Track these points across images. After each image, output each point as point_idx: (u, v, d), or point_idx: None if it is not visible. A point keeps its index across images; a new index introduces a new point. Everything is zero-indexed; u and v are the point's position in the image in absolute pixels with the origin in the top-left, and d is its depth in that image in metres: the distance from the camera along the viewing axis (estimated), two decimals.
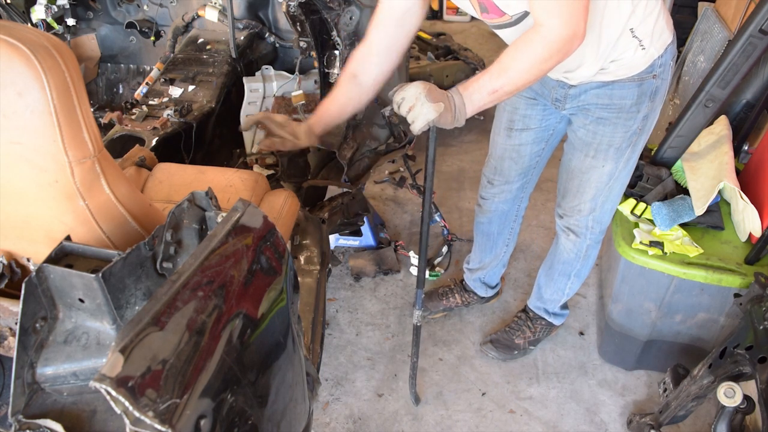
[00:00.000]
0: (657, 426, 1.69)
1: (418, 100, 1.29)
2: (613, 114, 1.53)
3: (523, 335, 2.12)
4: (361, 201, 2.30)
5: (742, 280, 1.66)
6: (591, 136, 1.60)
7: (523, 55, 1.26)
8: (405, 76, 2.41)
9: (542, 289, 2.07)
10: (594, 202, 1.74)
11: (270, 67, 2.49)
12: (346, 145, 2.21)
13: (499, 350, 2.11)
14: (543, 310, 2.11)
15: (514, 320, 2.17)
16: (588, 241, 1.84)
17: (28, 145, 0.85)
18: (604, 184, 1.69)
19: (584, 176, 1.69)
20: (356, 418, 1.93)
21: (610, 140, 1.58)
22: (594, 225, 1.79)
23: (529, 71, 1.27)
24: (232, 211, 0.92)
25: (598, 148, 1.61)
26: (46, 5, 2.59)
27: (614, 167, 1.64)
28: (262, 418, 0.93)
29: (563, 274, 1.97)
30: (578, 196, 1.75)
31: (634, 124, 1.55)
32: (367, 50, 1.57)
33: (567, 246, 1.89)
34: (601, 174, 1.66)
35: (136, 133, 2.05)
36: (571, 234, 1.85)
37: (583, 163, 1.66)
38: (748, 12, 2.22)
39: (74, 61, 0.85)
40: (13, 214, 0.94)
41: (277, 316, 0.98)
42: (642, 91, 1.50)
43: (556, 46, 1.22)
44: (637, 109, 1.52)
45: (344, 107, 1.64)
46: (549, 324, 2.13)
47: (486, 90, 1.30)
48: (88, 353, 0.86)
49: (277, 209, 1.63)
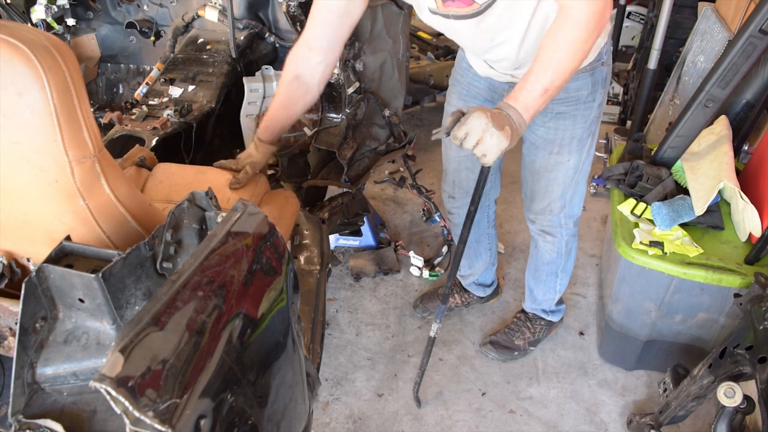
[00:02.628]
0: (657, 426, 1.69)
1: (486, 132, 1.22)
2: (571, 107, 1.54)
3: (523, 336, 2.12)
4: (361, 201, 2.30)
5: (742, 280, 1.66)
6: (553, 132, 1.60)
7: (561, 44, 1.22)
8: (405, 75, 2.41)
9: (534, 292, 2.08)
10: (563, 199, 1.75)
11: (270, 67, 2.49)
12: (346, 145, 2.21)
13: (500, 351, 2.11)
14: (540, 310, 2.12)
15: (514, 321, 2.17)
16: (565, 237, 1.85)
17: (28, 145, 0.85)
18: (571, 178, 1.70)
19: (551, 174, 1.69)
20: (356, 418, 1.93)
21: (572, 133, 1.59)
22: (566, 221, 1.80)
23: (573, 58, 1.23)
24: (232, 211, 0.92)
25: (561, 143, 1.61)
26: (46, 5, 2.59)
27: (578, 159, 1.65)
28: (262, 418, 0.93)
29: (550, 273, 1.98)
30: (547, 196, 1.74)
31: (591, 113, 1.57)
32: (307, 49, 1.51)
33: (546, 247, 1.90)
34: (567, 169, 1.67)
35: (136, 133, 2.05)
36: (547, 236, 1.86)
37: (548, 161, 1.66)
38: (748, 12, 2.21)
39: (74, 61, 0.85)
40: (13, 213, 0.94)
41: (277, 316, 0.98)
42: (595, 79, 1.52)
43: (592, 24, 1.19)
44: (593, 98, 1.54)
45: (291, 110, 1.60)
46: (548, 323, 2.14)
47: (537, 92, 1.25)
48: (88, 353, 0.86)
49: (277, 209, 1.63)
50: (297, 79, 1.54)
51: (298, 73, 1.53)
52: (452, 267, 1.66)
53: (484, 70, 1.63)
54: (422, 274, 2.47)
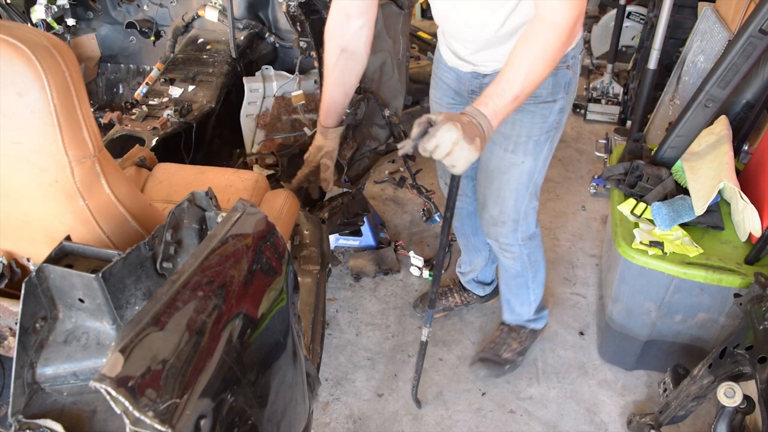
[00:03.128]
0: (657, 426, 1.69)
1: (456, 145, 1.18)
2: (530, 104, 1.49)
3: (510, 348, 2.05)
4: (361, 201, 2.30)
5: (742, 280, 1.66)
6: (510, 127, 1.55)
7: (534, 50, 1.21)
8: (405, 75, 2.41)
9: (510, 303, 2.03)
10: (516, 212, 1.69)
11: (270, 67, 2.50)
12: (346, 145, 2.21)
13: (490, 368, 2.03)
14: (521, 320, 2.07)
15: (498, 334, 2.11)
16: (526, 251, 1.81)
17: (28, 145, 0.85)
18: (525, 186, 1.64)
19: (504, 176, 1.63)
20: (356, 418, 1.93)
21: (529, 131, 1.54)
22: (522, 238, 1.77)
23: (545, 65, 1.22)
24: (232, 211, 0.92)
25: (517, 141, 1.56)
26: (46, 5, 2.59)
27: (533, 164, 1.60)
28: (262, 418, 0.93)
29: (521, 286, 1.94)
30: (499, 202, 1.69)
31: (551, 116, 1.53)
32: (344, 17, 1.46)
33: (509, 263, 1.87)
34: (521, 173, 1.61)
35: (136, 133, 2.05)
36: (506, 252, 1.83)
37: (502, 160, 1.61)
38: (748, 12, 2.21)
39: (74, 61, 0.85)
40: (13, 213, 0.94)
41: (277, 316, 0.98)
42: (557, 80, 1.48)
43: (567, 31, 1.18)
44: (553, 99, 1.50)
45: (347, 86, 1.55)
46: (532, 331, 2.08)
47: (508, 99, 1.24)
48: (88, 353, 0.86)
49: (277, 209, 1.63)
50: (344, 51, 1.50)
51: (343, 46, 1.49)
52: (435, 269, 1.64)
53: (451, 60, 1.60)
54: (422, 274, 2.47)
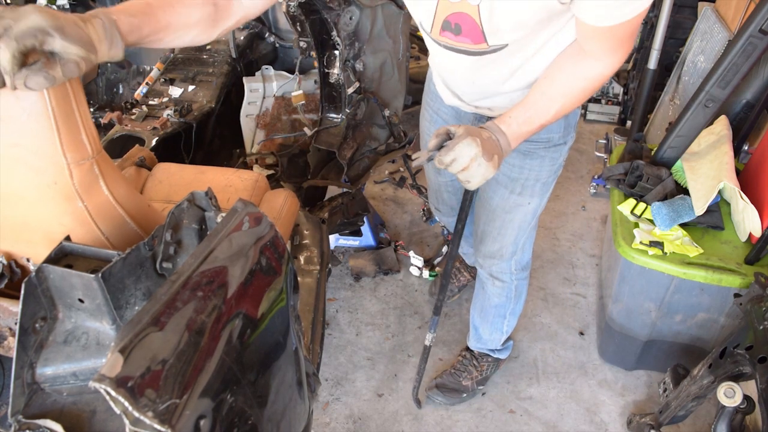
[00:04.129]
0: (657, 426, 1.69)
1: (474, 161, 1.13)
2: (541, 148, 1.45)
3: (470, 375, 2.00)
4: (361, 201, 2.30)
5: (742, 280, 1.66)
6: (518, 171, 1.49)
7: (576, 89, 1.17)
8: (405, 75, 2.41)
9: (479, 330, 1.97)
10: (515, 245, 1.67)
11: (270, 67, 2.50)
12: (346, 145, 2.21)
13: (446, 395, 1.97)
14: (486, 349, 2.01)
15: (459, 360, 2.05)
16: (515, 282, 1.78)
17: (26, 148, 0.85)
18: (528, 223, 1.61)
19: (507, 216, 1.58)
20: (356, 418, 1.93)
21: (538, 175, 1.49)
22: (516, 268, 1.74)
23: (574, 104, 1.20)
24: (232, 211, 0.92)
25: (525, 184, 1.51)
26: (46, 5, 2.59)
27: (539, 203, 1.57)
28: (262, 418, 0.93)
29: (498, 315, 1.89)
30: (499, 239, 1.65)
31: (560, 157, 1.49)
32: None
33: (494, 291, 1.82)
34: (526, 213, 1.57)
35: (136, 133, 2.05)
36: (496, 281, 1.78)
37: (507, 201, 1.55)
38: (748, 12, 2.21)
39: None
40: (11, 215, 0.94)
41: (277, 316, 0.98)
42: (568, 122, 1.44)
43: (604, 80, 1.16)
44: (564, 141, 1.46)
45: None
46: (495, 360, 2.03)
47: (534, 126, 1.20)
48: (88, 353, 0.86)
49: (277, 209, 1.63)
50: None
51: None
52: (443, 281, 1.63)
53: (450, 99, 1.51)
54: (422, 274, 2.47)
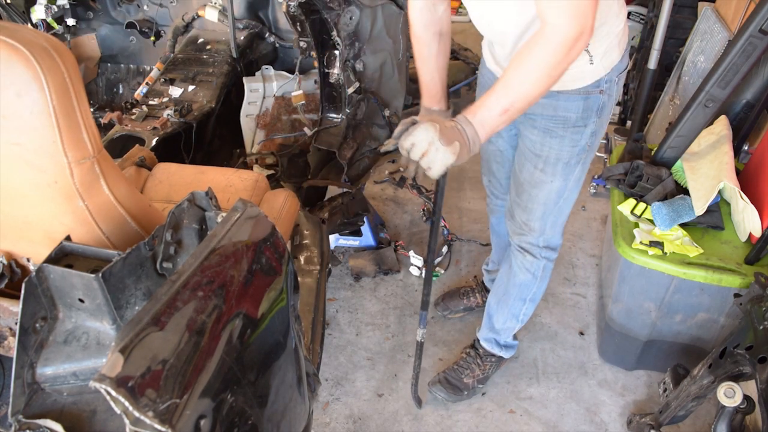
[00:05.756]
0: (657, 426, 1.69)
1: (431, 145, 1.17)
2: (559, 126, 1.47)
3: (473, 374, 2.00)
4: (361, 201, 2.31)
5: (742, 280, 1.66)
6: (539, 147, 1.53)
7: (529, 65, 1.15)
8: (405, 75, 2.41)
9: (493, 318, 1.94)
10: (543, 222, 1.68)
11: (270, 67, 2.50)
12: (346, 145, 2.21)
13: (448, 392, 1.97)
14: (494, 342, 1.99)
15: (462, 357, 2.05)
16: (543, 261, 1.78)
17: (27, 146, 0.85)
18: (553, 203, 1.62)
19: (533, 191, 1.61)
20: (356, 418, 1.93)
21: (558, 154, 1.51)
22: (545, 247, 1.75)
23: (539, 82, 1.16)
24: (232, 211, 0.92)
25: (546, 161, 1.54)
26: (46, 5, 2.59)
27: (563, 185, 1.58)
28: (262, 418, 0.93)
29: (519, 298, 1.87)
30: (527, 212, 1.67)
31: (581, 140, 1.49)
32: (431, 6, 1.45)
33: (523, 266, 1.81)
34: (550, 191, 1.59)
35: (136, 133, 2.05)
36: (527, 254, 1.78)
37: (532, 176, 1.59)
38: (748, 12, 2.21)
39: (73, 62, 0.86)
40: (12, 214, 0.94)
41: (277, 316, 0.98)
42: (588, 105, 1.44)
43: (564, 48, 1.11)
44: (583, 123, 1.46)
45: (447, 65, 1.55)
46: (499, 359, 2.02)
47: (496, 111, 1.20)
48: (88, 353, 0.86)
49: (277, 209, 1.63)
50: (442, 36, 1.49)
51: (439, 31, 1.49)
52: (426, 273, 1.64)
53: (490, 63, 1.59)
54: (422, 274, 2.47)
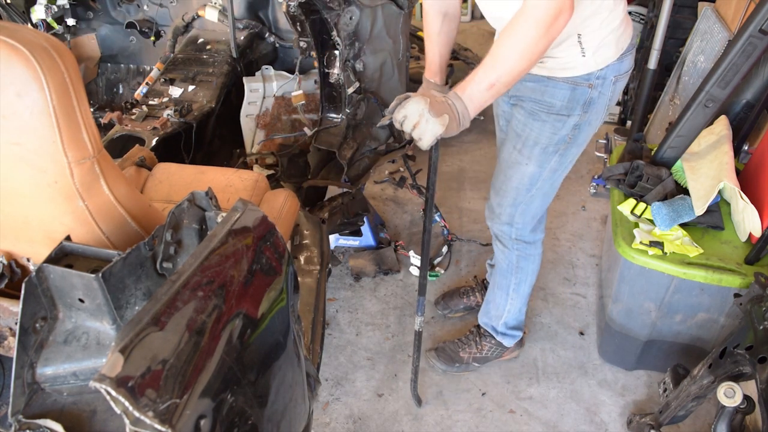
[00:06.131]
0: (657, 426, 1.69)
1: (422, 117, 1.26)
2: (544, 110, 1.51)
3: (470, 350, 2.05)
4: (361, 201, 2.30)
5: (742, 280, 1.66)
6: (521, 127, 1.57)
7: (512, 40, 1.22)
8: (405, 75, 2.41)
9: (489, 303, 2.01)
10: (513, 209, 1.70)
11: (270, 67, 2.50)
12: (346, 145, 2.21)
13: (441, 359, 2.05)
14: (491, 327, 2.03)
15: (466, 333, 2.10)
16: (516, 253, 1.80)
17: (27, 146, 0.85)
18: (525, 189, 1.65)
19: (509, 171, 1.65)
20: (356, 418, 1.93)
21: (537, 137, 1.55)
22: (516, 239, 1.77)
23: (522, 56, 1.23)
24: (232, 211, 0.92)
25: (525, 143, 1.58)
26: (46, 5, 2.59)
27: (537, 171, 1.60)
28: (262, 418, 0.93)
29: (501, 287, 1.92)
30: (500, 194, 1.72)
31: (562, 129, 1.52)
32: None
33: (498, 255, 1.87)
34: (523, 174, 1.62)
35: (136, 133, 2.05)
36: (499, 243, 1.83)
37: (510, 155, 1.63)
38: (748, 12, 2.22)
39: (73, 62, 0.86)
40: (12, 214, 0.94)
41: (277, 316, 0.98)
42: (574, 96, 1.47)
43: (544, 25, 1.17)
44: (567, 113, 1.49)
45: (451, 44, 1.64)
46: (498, 344, 2.04)
47: (483, 86, 1.26)
48: (88, 353, 0.86)
49: (277, 209, 1.63)
50: (446, 16, 1.57)
51: (444, 11, 1.56)
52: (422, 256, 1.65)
53: None
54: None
